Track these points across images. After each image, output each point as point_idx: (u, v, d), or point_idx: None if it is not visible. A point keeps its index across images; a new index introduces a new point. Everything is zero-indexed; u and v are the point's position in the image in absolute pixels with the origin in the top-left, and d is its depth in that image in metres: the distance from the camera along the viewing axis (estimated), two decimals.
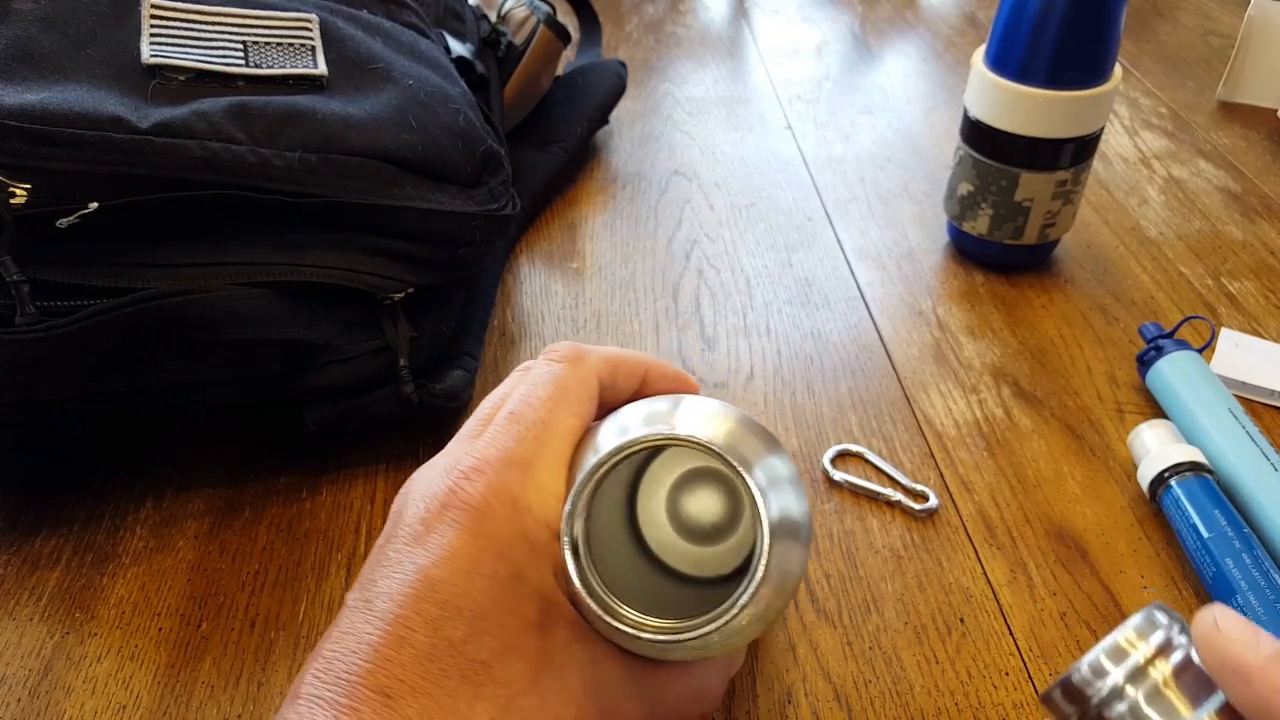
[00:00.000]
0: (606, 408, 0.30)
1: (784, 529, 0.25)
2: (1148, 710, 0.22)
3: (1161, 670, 0.22)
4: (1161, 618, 0.23)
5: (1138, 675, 0.22)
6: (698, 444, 0.25)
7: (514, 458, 0.27)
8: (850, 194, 0.66)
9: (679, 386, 0.32)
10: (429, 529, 0.25)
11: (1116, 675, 0.22)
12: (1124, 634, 0.23)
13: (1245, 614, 0.36)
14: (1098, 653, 0.23)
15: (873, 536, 0.42)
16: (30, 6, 0.40)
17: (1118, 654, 0.22)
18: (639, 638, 0.25)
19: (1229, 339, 0.52)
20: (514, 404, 0.28)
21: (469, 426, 0.29)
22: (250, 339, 0.39)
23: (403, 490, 0.28)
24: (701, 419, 0.26)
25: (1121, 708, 0.22)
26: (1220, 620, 0.22)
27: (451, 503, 0.26)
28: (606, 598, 0.25)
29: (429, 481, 0.27)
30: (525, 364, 0.31)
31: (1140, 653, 0.22)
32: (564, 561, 0.25)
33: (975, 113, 0.53)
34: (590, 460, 0.26)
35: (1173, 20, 0.92)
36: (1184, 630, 0.23)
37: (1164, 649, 0.22)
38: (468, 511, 0.25)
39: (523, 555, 0.26)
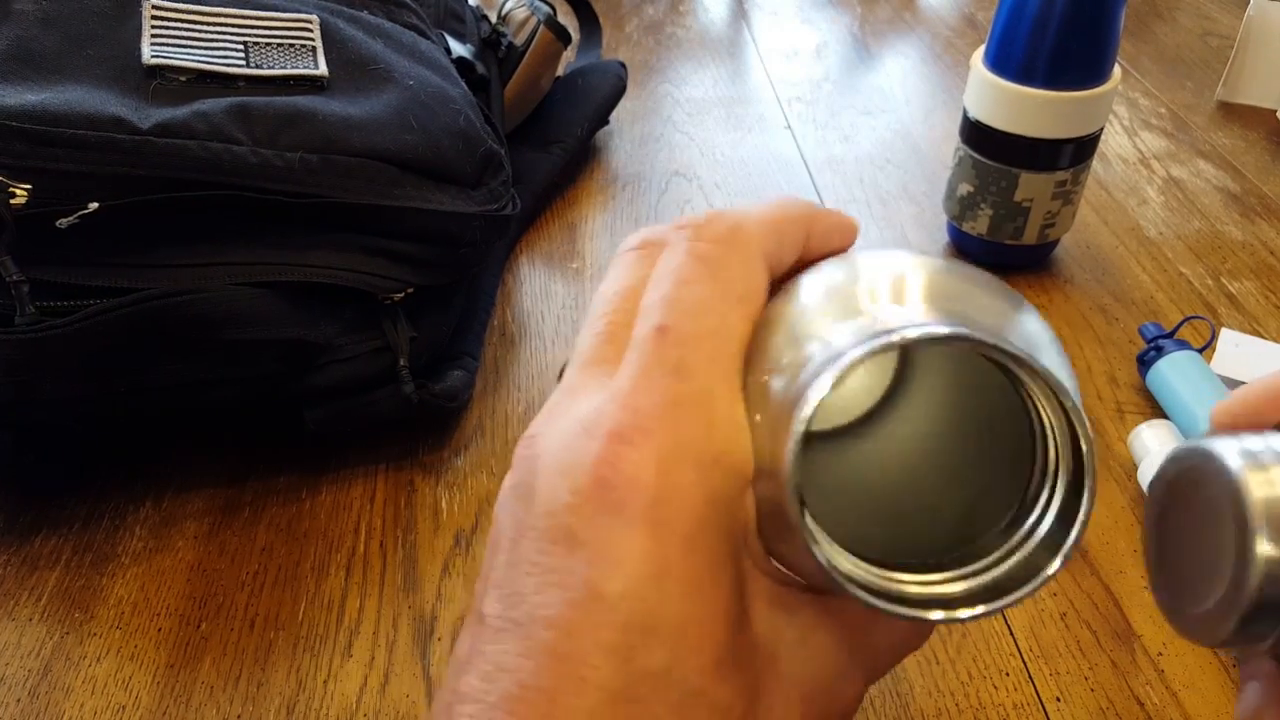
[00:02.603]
0: None
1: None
2: None
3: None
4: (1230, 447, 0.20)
5: None
6: (978, 341, 0.17)
7: (683, 398, 0.19)
8: (850, 195, 0.66)
9: (844, 239, 0.24)
10: (584, 522, 0.18)
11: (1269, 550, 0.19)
12: (1251, 497, 0.19)
13: None
14: (1259, 540, 0.19)
15: None
16: (31, 7, 0.40)
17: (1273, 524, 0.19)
18: (926, 617, 0.19)
19: (1229, 339, 0.52)
20: (661, 314, 0.20)
21: (588, 350, 0.21)
22: (250, 339, 0.39)
23: (525, 451, 0.20)
24: (925, 294, 0.19)
25: None
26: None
27: (611, 482, 0.18)
28: (871, 573, 0.19)
29: (567, 444, 0.19)
30: (643, 237, 0.22)
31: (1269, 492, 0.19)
32: (805, 537, 0.18)
33: (975, 113, 0.53)
34: (816, 382, 0.17)
35: (1172, 21, 0.92)
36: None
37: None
38: (638, 494, 0.18)
39: (716, 533, 0.19)
